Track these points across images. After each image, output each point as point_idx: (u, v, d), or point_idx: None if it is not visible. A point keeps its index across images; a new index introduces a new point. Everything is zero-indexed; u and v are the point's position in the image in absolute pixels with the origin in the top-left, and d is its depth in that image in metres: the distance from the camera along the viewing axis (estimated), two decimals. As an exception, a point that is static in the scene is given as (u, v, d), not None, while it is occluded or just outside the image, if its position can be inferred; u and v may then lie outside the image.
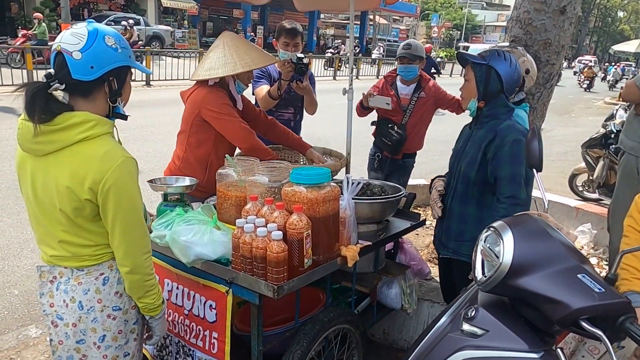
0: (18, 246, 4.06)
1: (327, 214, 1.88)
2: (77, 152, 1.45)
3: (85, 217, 1.50)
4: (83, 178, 1.44)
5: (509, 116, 2.21)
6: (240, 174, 2.13)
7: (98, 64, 1.46)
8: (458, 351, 1.45)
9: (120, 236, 1.51)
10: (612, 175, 5.70)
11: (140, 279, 1.57)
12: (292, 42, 3.16)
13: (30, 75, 10.73)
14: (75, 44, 1.44)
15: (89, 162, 1.45)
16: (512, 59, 2.22)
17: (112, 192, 1.46)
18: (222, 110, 2.44)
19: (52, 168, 1.47)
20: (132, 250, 1.53)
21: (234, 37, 2.59)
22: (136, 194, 1.53)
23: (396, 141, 3.54)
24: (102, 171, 1.44)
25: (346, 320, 2.15)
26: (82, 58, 1.44)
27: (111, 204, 1.47)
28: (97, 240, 1.55)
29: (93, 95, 1.50)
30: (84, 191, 1.45)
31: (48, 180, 1.48)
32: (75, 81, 1.45)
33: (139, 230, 1.55)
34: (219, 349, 1.98)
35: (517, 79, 2.27)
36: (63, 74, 1.45)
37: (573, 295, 1.28)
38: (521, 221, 1.56)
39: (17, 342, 2.85)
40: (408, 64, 3.53)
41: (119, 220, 1.49)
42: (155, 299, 1.63)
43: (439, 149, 5.61)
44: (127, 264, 1.54)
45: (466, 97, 2.30)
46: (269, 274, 1.74)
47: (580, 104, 18.03)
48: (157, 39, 21.11)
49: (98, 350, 1.60)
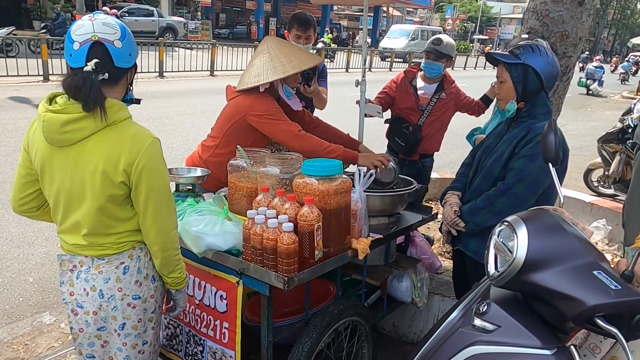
0: (33, 234, 4.12)
1: (338, 206, 1.87)
2: (107, 137, 1.48)
3: (116, 201, 1.53)
4: (117, 160, 1.47)
5: (548, 117, 2.11)
6: (252, 165, 2.13)
7: (134, 52, 1.55)
8: (469, 346, 1.44)
9: (152, 215, 1.55)
10: (628, 170, 5.60)
11: (171, 254, 1.62)
12: (304, 35, 3.09)
13: (45, 65, 10.83)
14: (114, 34, 1.48)
15: (121, 144, 1.48)
16: (548, 51, 2.11)
17: (145, 172, 1.49)
18: (270, 114, 2.35)
19: (83, 157, 1.48)
20: (164, 228, 1.58)
21: (277, 40, 2.52)
22: (165, 172, 1.58)
23: (411, 142, 3.36)
24: (134, 152, 1.48)
25: (356, 312, 2.15)
26: (122, 47, 1.49)
27: (144, 184, 1.50)
28: (120, 228, 1.57)
29: (122, 81, 1.56)
30: (119, 173, 1.47)
31: (79, 170, 1.49)
32: (117, 69, 1.50)
33: (170, 208, 1.60)
34: (230, 338, 1.99)
35: (556, 73, 2.13)
36: (105, 63, 1.47)
37: (588, 291, 1.26)
38: (536, 216, 1.53)
39: (31, 328, 2.90)
40: (434, 61, 3.28)
41: (152, 200, 1.53)
42: (182, 273, 1.70)
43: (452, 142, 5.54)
44: (160, 242, 1.58)
45: (504, 98, 2.17)
46: (280, 265, 1.74)
47: (597, 98, 17.72)
48: (170, 30, 21.21)
49: (118, 338, 1.63)
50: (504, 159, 2.16)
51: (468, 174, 2.40)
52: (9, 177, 5.20)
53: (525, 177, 2.07)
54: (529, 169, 2.07)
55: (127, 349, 1.64)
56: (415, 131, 3.35)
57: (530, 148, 2.07)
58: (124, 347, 1.64)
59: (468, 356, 1.43)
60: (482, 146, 2.40)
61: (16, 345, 2.74)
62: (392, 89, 3.45)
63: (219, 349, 2.04)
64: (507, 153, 2.15)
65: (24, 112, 7.92)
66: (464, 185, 2.40)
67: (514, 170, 2.11)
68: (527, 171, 2.07)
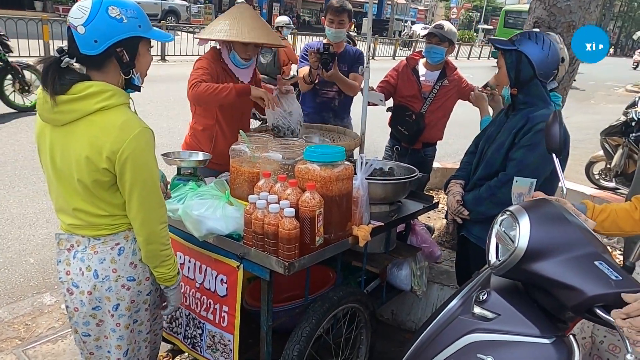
0: (34, 215, 4.13)
1: (340, 193, 1.87)
2: (95, 122, 1.46)
3: (103, 187, 1.52)
4: (101, 147, 1.45)
5: (546, 105, 2.12)
6: (254, 150, 2.12)
7: (101, 38, 1.45)
8: (468, 334, 1.45)
9: (137, 206, 1.53)
10: (630, 164, 5.60)
11: (156, 248, 1.59)
12: (337, 19, 3.15)
13: (47, 46, 10.76)
14: (79, 18, 1.44)
15: (107, 131, 1.45)
16: (547, 40, 2.10)
17: (129, 162, 1.47)
18: (194, 68, 2.51)
19: (71, 138, 1.48)
20: (149, 220, 1.55)
21: (247, 8, 2.60)
22: (153, 164, 1.54)
23: (414, 131, 3.34)
24: (119, 141, 1.45)
25: (356, 299, 2.16)
26: (85, 32, 1.44)
27: (128, 174, 1.48)
28: (113, 211, 1.57)
29: (105, 67, 1.51)
30: (102, 160, 1.46)
31: (67, 150, 1.49)
32: (83, 55, 1.46)
33: (156, 200, 1.57)
34: (229, 322, 2.00)
35: (552, 63, 2.12)
36: (73, 49, 1.46)
37: (589, 282, 1.26)
38: (538, 205, 1.53)
39: (32, 308, 2.92)
40: (436, 45, 3.22)
41: (136, 190, 1.51)
42: (171, 269, 1.66)
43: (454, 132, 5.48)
44: (144, 234, 1.56)
45: (500, 84, 2.23)
46: (280, 250, 1.74)
47: (601, 91, 17.63)
48: (172, 14, 21.01)
49: (112, 319, 1.63)
50: (504, 148, 2.17)
51: (472, 162, 2.40)
52: (10, 159, 5.20)
53: (525, 168, 2.08)
54: (529, 159, 2.08)
55: (120, 330, 1.64)
56: (418, 119, 3.32)
57: (530, 138, 2.08)
58: (117, 327, 1.64)
59: (467, 343, 1.44)
60: (484, 134, 2.40)
61: (17, 325, 2.76)
62: (394, 77, 3.42)
63: (218, 333, 2.05)
64: (507, 143, 2.16)
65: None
66: (467, 174, 2.40)
67: (514, 160, 2.12)
68: (526, 161, 2.08)
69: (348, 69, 3.28)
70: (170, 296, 1.74)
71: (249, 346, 2.12)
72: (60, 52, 1.46)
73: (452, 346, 1.46)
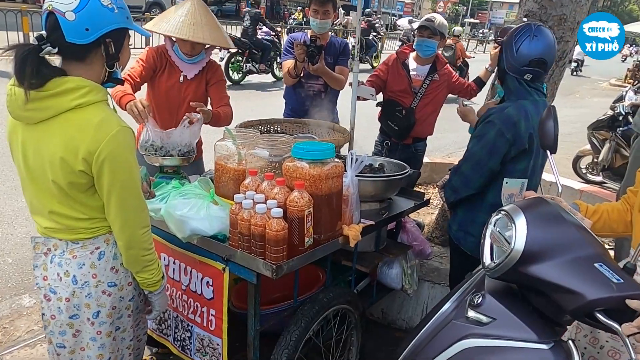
0: (12, 214, 4.00)
1: (329, 192, 1.80)
2: (71, 121, 1.37)
3: (80, 189, 1.43)
4: (77, 148, 1.36)
5: (512, 100, 2.10)
6: (240, 146, 2.04)
7: (94, 26, 1.36)
8: (462, 339, 1.40)
9: (116, 209, 1.44)
10: (617, 158, 5.62)
11: (137, 253, 1.51)
12: (322, 10, 3.04)
13: (26, 38, 10.46)
14: (68, 4, 1.33)
15: (83, 131, 1.36)
16: (523, 35, 2.03)
17: (107, 163, 1.38)
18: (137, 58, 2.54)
19: (45, 137, 1.38)
20: (129, 224, 1.47)
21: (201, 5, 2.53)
22: (133, 165, 1.45)
23: (404, 126, 3.28)
24: (96, 141, 1.36)
25: (346, 300, 2.10)
26: (75, 19, 1.34)
27: (106, 175, 1.39)
28: (92, 214, 1.48)
29: (89, 59, 1.41)
30: (78, 162, 1.37)
31: (40, 150, 1.40)
32: (69, 44, 1.36)
33: (136, 203, 1.48)
34: (217, 326, 1.93)
35: (520, 58, 2.03)
36: (56, 37, 1.35)
37: (589, 285, 1.22)
38: (535, 204, 1.48)
39: (10, 311, 2.82)
40: (428, 38, 3.16)
41: (115, 193, 1.42)
42: (154, 275, 1.58)
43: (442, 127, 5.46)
44: (124, 238, 1.48)
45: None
46: (268, 252, 1.67)
47: (586, 85, 17.79)
48: (157, 6, 20.60)
49: (92, 327, 1.54)
50: None
51: None
52: (-12, 155, 5.03)
53: (470, 157, 2.12)
54: (474, 149, 2.11)
55: (102, 338, 1.55)
56: (409, 114, 3.26)
57: (480, 129, 2.12)
58: (98, 335, 1.55)
59: (460, 350, 1.39)
60: None
61: (-6, 328, 2.66)
62: (384, 71, 3.34)
63: (207, 336, 1.98)
64: None
65: (2, 86, 7.66)
66: None
67: (466, 150, 2.18)
68: (472, 151, 2.12)
69: (334, 61, 3.20)
70: (155, 301, 1.66)
71: (236, 349, 2.05)
72: (39, 39, 1.35)
73: (446, 352, 1.41)
